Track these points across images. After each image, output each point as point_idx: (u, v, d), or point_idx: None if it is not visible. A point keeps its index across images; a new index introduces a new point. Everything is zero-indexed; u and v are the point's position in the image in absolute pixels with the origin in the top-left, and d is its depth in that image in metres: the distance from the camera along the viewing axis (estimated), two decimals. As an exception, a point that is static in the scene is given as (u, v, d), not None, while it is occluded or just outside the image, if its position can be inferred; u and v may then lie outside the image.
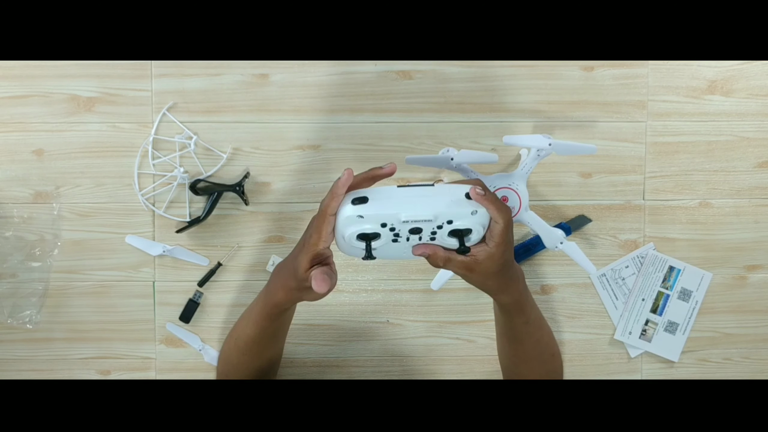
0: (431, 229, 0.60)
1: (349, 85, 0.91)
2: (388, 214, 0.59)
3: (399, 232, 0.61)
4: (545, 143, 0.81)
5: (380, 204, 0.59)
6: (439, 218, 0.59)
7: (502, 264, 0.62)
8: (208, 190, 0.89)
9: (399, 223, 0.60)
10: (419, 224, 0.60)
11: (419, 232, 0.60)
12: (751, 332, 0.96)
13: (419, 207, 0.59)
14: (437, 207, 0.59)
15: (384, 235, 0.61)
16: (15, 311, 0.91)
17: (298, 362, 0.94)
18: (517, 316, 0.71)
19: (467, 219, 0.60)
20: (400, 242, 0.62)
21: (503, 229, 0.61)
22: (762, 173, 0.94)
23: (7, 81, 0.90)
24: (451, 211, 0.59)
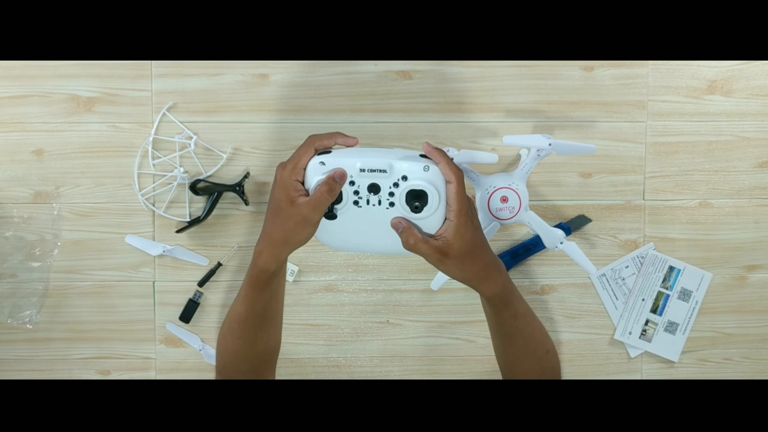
0: (388, 186, 0.65)
1: (349, 85, 0.91)
2: (346, 162, 0.65)
3: (359, 189, 0.65)
4: (545, 143, 0.81)
5: (341, 153, 0.66)
6: (393, 171, 0.64)
7: (472, 242, 0.65)
8: (208, 190, 0.89)
9: (357, 173, 0.65)
10: (376, 178, 0.64)
11: (377, 191, 0.65)
12: (751, 332, 0.96)
13: (375, 156, 0.65)
14: (391, 157, 0.65)
15: (345, 192, 0.65)
16: (15, 311, 0.91)
17: (298, 362, 0.94)
18: (504, 310, 0.71)
19: (420, 175, 0.64)
20: (362, 207, 0.66)
21: (456, 188, 0.63)
22: (762, 173, 0.94)
23: (7, 81, 0.90)
24: (404, 164, 0.64)
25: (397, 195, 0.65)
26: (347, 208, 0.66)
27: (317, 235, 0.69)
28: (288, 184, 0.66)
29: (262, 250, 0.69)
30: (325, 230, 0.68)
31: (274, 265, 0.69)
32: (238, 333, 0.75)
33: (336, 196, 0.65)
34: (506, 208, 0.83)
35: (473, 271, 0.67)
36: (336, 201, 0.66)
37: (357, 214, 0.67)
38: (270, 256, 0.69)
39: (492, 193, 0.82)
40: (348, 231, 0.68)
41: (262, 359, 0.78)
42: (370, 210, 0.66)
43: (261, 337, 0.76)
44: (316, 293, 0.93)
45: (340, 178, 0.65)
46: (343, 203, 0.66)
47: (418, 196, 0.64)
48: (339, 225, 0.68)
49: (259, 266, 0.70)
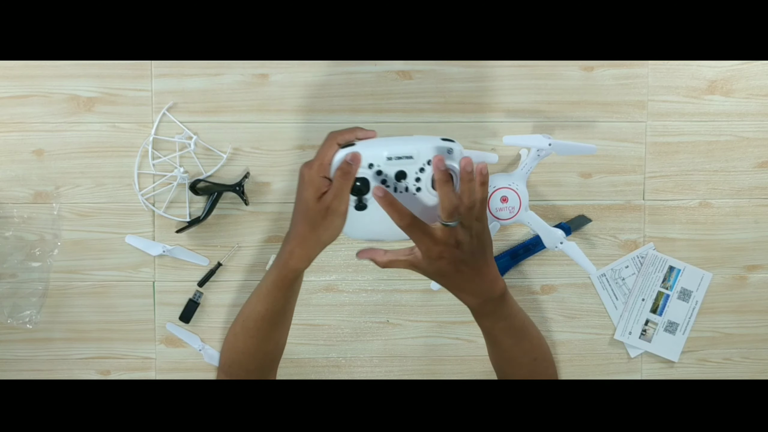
0: (414, 172, 0.66)
1: (349, 85, 0.91)
2: (372, 153, 0.66)
3: (386, 178, 0.66)
4: (545, 143, 0.82)
5: (366, 145, 0.67)
6: (419, 157, 0.66)
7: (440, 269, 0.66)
8: (208, 190, 0.89)
9: (384, 161, 0.66)
10: (402, 164, 0.66)
11: (404, 177, 0.66)
12: (751, 332, 0.96)
13: (401, 144, 0.66)
14: (416, 144, 0.66)
15: (373, 183, 0.66)
16: (15, 311, 0.91)
17: (298, 362, 0.94)
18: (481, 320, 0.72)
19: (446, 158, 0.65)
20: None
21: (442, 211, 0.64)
22: (762, 173, 0.94)
23: (7, 81, 0.90)
24: (428, 147, 0.66)
25: (423, 180, 0.66)
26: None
27: (348, 231, 0.69)
28: (315, 181, 0.66)
29: (294, 250, 0.69)
30: (356, 223, 0.68)
31: (306, 264, 0.70)
32: (252, 332, 0.75)
33: (352, 178, 0.66)
34: (506, 208, 0.83)
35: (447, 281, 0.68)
36: (364, 191, 0.67)
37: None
38: (302, 255, 0.69)
39: (492, 193, 0.82)
40: (378, 220, 0.67)
41: (270, 359, 0.78)
42: (398, 197, 0.66)
43: (273, 336, 0.76)
44: (316, 293, 0.93)
45: (353, 160, 0.65)
46: (371, 192, 0.66)
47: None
48: (369, 216, 0.68)
49: (290, 266, 0.70)
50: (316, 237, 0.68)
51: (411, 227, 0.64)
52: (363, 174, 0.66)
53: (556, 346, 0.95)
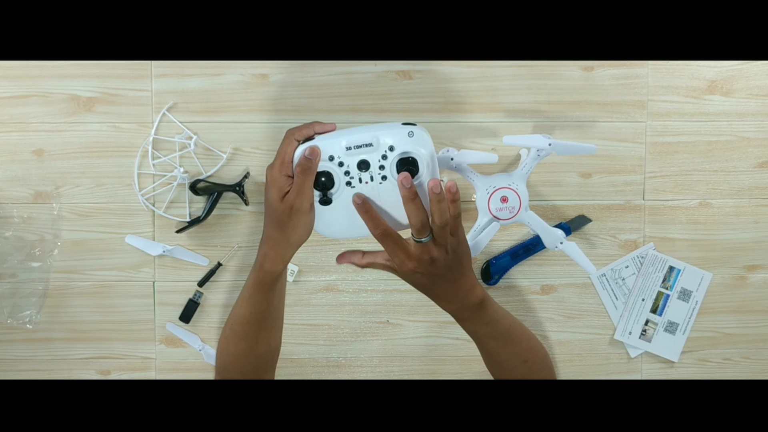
0: (377, 160, 0.65)
1: (349, 85, 0.91)
2: (330, 144, 0.65)
3: (348, 169, 0.65)
4: (545, 143, 0.81)
5: (324, 137, 0.66)
6: (379, 143, 0.64)
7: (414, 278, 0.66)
8: (208, 190, 0.89)
9: (343, 152, 0.65)
10: (363, 153, 0.65)
11: (367, 167, 0.65)
12: (751, 332, 0.96)
13: (358, 132, 0.65)
14: (375, 131, 0.65)
15: (336, 175, 0.65)
16: (15, 311, 0.91)
17: (298, 362, 0.94)
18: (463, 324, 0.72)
19: (406, 142, 0.64)
20: (355, 186, 0.66)
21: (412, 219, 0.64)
22: (762, 173, 0.94)
23: (7, 81, 0.90)
24: (387, 133, 0.64)
25: (387, 167, 0.65)
26: (341, 190, 0.66)
27: (318, 229, 0.69)
28: (278, 180, 0.66)
29: (267, 253, 0.69)
30: (325, 220, 0.68)
31: (280, 266, 0.70)
32: (240, 335, 0.75)
33: (313, 173, 0.65)
34: (506, 208, 0.83)
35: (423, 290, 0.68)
36: (329, 186, 0.66)
37: (350, 194, 0.66)
38: (275, 257, 0.69)
39: (492, 193, 0.82)
40: (347, 215, 0.67)
41: (263, 360, 0.78)
42: (363, 188, 0.66)
43: (263, 339, 0.76)
44: (316, 293, 0.93)
45: (311, 155, 0.65)
46: (336, 186, 0.66)
47: (409, 163, 0.65)
48: (336, 210, 0.67)
49: (265, 269, 0.70)
50: (286, 238, 0.67)
51: (384, 238, 0.64)
52: (325, 167, 0.65)
53: (556, 346, 0.95)
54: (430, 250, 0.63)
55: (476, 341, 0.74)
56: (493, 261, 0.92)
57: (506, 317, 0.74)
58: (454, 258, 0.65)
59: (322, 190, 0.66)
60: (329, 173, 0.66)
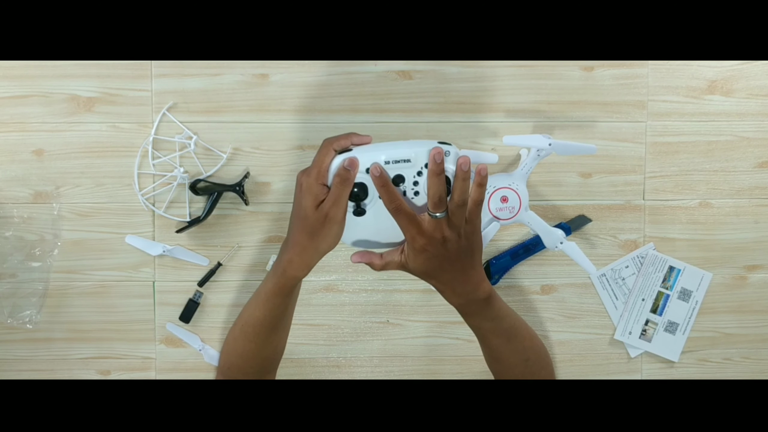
0: (412, 175, 0.66)
1: (349, 85, 0.91)
2: (370, 158, 0.66)
3: None
4: (545, 143, 0.81)
5: (362, 150, 0.66)
6: (417, 160, 0.66)
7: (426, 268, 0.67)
8: (208, 190, 0.89)
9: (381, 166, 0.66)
10: (400, 168, 0.66)
11: (402, 181, 0.66)
12: (751, 332, 0.96)
13: (397, 148, 0.66)
14: (413, 147, 0.66)
15: (371, 187, 0.67)
16: (15, 311, 0.91)
17: (298, 362, 0.94)
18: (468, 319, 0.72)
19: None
20: None
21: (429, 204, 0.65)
22: (762, 173, 0.94)
23: (7, 81, 0.90)
24: (426, 151, 0.66)
25: (421, 183, 0.67)
26: (374, 202, 0.67)
27: (346, 239, 0.70)
28: (313, 188, 0.66)
29: (292, 259, 0.69)
30: (354, 229, 0.69)
31: (305, 272, 0.70)
32: (251, 336, 0.75)
33: (351, 184, 0.66)
34: (506, 208, 0.83)
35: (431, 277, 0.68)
36: (362, 197, 0.67)
37: (384, 207, 0.67)
38: (301, 264, 0.69)
39: (492, 193, 0.82)
40: (377, 226, 0.68)
41: (269, 362, 0.78)
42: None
43: (272, 342, 0.76)
44: (316, 293, 0.93)
45: (350, 166, 0.65)
46: (369, 197, 0.67)
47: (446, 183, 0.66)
48: (368, 221, 0.68)
49: (288, 275, 0.70)
50: (315, 246, 0.68)
51: (399, 211, 0.64)
52: (360, 179, 0.66)
53: (556, 346, 0.95)
54: (442, 228, 0.64)
55: (479, 336, 0.74)
56: (493, 261, 0.92)
57: (510, 315, 0.74)
58: (466, 245, 0.65)
59: (355, 200, 0.67)
60: (364, 185, 0.67)
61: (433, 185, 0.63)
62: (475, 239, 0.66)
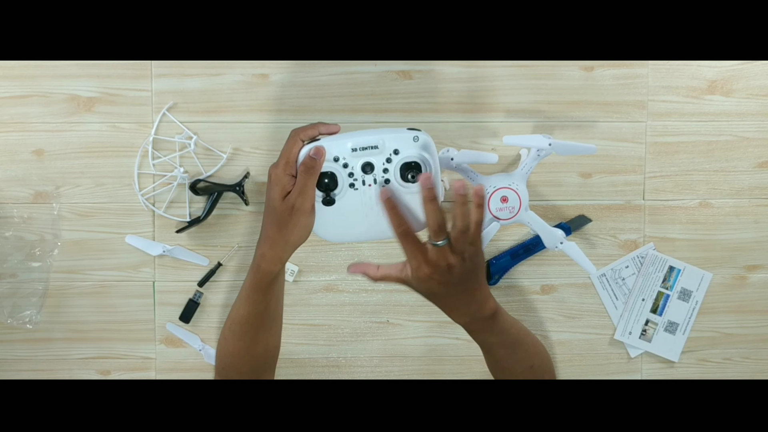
0: (381, 163, 0.66)
1: (349, 85, 0.91)
2: (337, 145, 0.65)
3: (353, 171, 0.66)
4: (545, 143, 0.82)
5: (330, 138, 0.66)
6: (385, 147, 0.65)
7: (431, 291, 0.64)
8: (208, 190, 0.89)
9: (348, 153, 0.65)
10: (368, 155, 0.65)
11: (371, 169, 0.66)
12: (751, 332, 0.96)
13: (364, 135, 0.66)
14: (381, 134, 0.66)
15: (340, 177, 0.66)
16: (15, 311, 0.91)
17: (298, 362, 0.94)
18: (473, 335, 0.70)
19: (411, 147, 0.66)
20: (358, 189, 0.66)
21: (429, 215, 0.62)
22: (762, 173, 0.94)
23: (7, 81, 0.90)
24: (393, 137, 0.65)
25: (391, 170, 0.66)
26: (344, 192, 0.67)
27: (318, 231, 0.69)
28: (281, 179, 0.66)
29: (264, 253, 0.69)
30: (325, 222, 0.68)
31: (278, 266, 0.69)
32: (239, 335, 0.75)
33: (317, 173, 0.65)
34: (506, 208, 0.83)
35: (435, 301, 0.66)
36: (332, 187, 0.66)
37: (354, 197, 0.67)
38: (273, 257, 0.69)
39: (492, 193, 0.82)
40: (348, 218, 0.67)
41: (262, 360, 0.78)
42: (366, 191, 0.66)
43: (261, 339, 0.75)
44: (316, 293, 0.93)
45: (316, 154, 0.65)
46: (339, 188, 0.66)
47: (412, 167, 0.66)
48: (338, 213, 0.67)
49: (262, 269, 0.69)
50: (284, 238, 0.67)
51: (406, 237, 0.62)
52: (330, 168, 0.66)
53: (556, 346, 0.95)
54: (446, 256, 0.62)
55: (484, 350, 0.73)
56: (493, 261, 0.92)
57: (515, 325, 0.73)
58: (471, 267, 0.63)
59: (325, 190, 0.66)
60: (333, 174, 0.66)
61: (430, 213, 0.61)
62: (479, 260, 0.64)
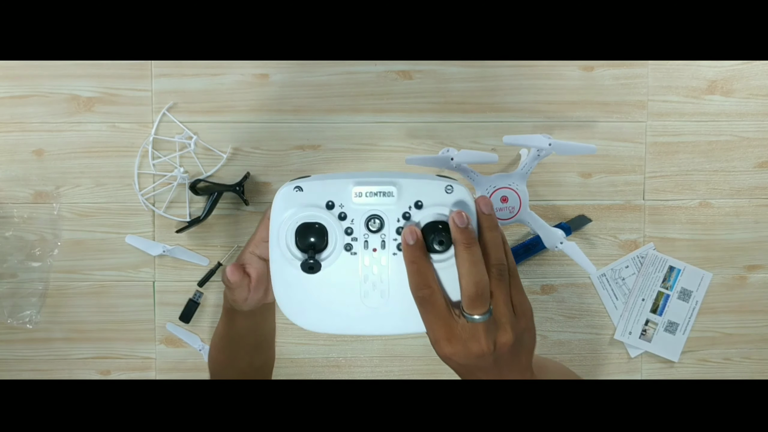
0: (396, 219, 0.45)
1: (349, 85, 0.91)
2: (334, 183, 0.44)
3: (352, 226, 0.45)
4: (545, 143, 0.82)
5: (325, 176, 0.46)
6: (402, 195, 0.45)
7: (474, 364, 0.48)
8: (208, 190, 0.89)
9: (350, 200, 0.45)
10: (377, 205, 0.44)
11: (379, 227, 0.45)
12: (751, 332, 0.96)
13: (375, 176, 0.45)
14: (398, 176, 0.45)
15: (332, 232, 0.45)
16: (15, 311, 0.91)
17: (298, 362, 0.94)
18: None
19: (442, 199, 0.45)
20: (356, 253, 0.46)
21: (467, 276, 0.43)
22: (762, 173, 0.94)
23: (7, 81, 0.90)
24: (417, 183, 0.44)
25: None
26: (336, 255, 0.46)
27: (288, 312, 0.48)
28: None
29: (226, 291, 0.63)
30: (301, 299, 0.47)
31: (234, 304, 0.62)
32: (220, 347, 0.73)
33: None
34: (506, 208, 0.83)
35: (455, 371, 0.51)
36: (319, 246, 0.46)
37: (350, 265, 0.46)
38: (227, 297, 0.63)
39: (492, 193, 0.82)
40: (338, 295, 0.46)
41: (249, 375, 0.75)
42: (368, 257, 0.46)
43: (243, 357, 0.72)
44: (316, 293, 0.93)
45: (231, 275, 0.54)
46: (330, 248, 0.46)
47: (440, 231, 0.44)
48: (323, 286, 0.46)
49: (227, 302, 0.65)
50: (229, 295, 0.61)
51: (426, 303, 0.44)
52: (317, 218, 0.45)
53: (556, 346, 0.95)
54: (480, 338, 0.43)
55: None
56: (493, 261, 0.92)
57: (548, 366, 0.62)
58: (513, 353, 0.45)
59: (307, 250, 0.46)
60: (322, 227, 0.46)
61: (470, 269, 0.42)
62: (528, 339, 0.45)
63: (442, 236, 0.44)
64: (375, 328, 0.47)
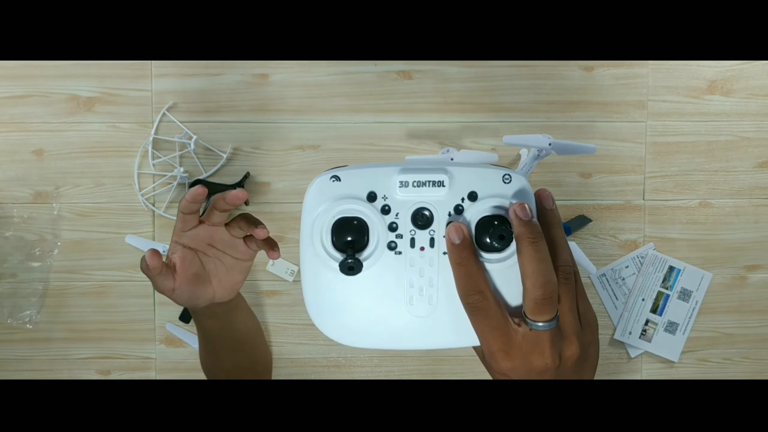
0: (446, 213, 0.39)
1: (349, 85, 0.91)
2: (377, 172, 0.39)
3: (397, 221, 0.39)
4: (545, 143, 0.81)
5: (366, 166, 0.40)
6: (454, 184, 0.39)
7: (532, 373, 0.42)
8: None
9: (394, 191, 0.39)
10: (425, 196, 0.39)
11: (428, 223, 0.39)
12: (751, 332, 0.96)
13: (423, 163, 0.40)
14: (449, 165, 0.40)
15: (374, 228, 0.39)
16: (15, 311, 0.91)
17: (298, 362, 0.94)
18: None
19: (499, 192, 0.40)
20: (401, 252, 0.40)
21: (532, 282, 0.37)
22: (762, 173, 0.94)
23: (7, 81, 0.90)
24: (470, 172, 0.39)
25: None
26: (378, 255, 0.40)
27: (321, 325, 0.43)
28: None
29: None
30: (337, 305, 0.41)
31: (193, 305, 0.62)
32: (201, 347, 0.72)
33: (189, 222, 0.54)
34: (506, 208, 0.83)
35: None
36: (360, 244, 0.39)
37: (393, 266, 0.40)
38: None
39: (492, 193, 0.82)
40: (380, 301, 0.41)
41: (237, 374, 0.74)
42: (414, 258, 0.40)
43: (224, 357, 0.71)
44: (316, 293, 0.93)
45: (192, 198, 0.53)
46: (371, 248, 0.40)
47: (498, 226, 0.39)
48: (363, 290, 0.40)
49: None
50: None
51: (477, 311, 0.38)
52: (356, 212, 0.39)
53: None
54: (544, 350, 0.39)
55: None
56: (493, 261, 0.92)
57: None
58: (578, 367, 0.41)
59: (345, 248, 0.39)
60: (362, 223, 0.39)
61: (537, 267, 0.36)
62: (593, 352, 0.41)
63: (503, 230, 0.38)
64: (422, 342, 0.42)
